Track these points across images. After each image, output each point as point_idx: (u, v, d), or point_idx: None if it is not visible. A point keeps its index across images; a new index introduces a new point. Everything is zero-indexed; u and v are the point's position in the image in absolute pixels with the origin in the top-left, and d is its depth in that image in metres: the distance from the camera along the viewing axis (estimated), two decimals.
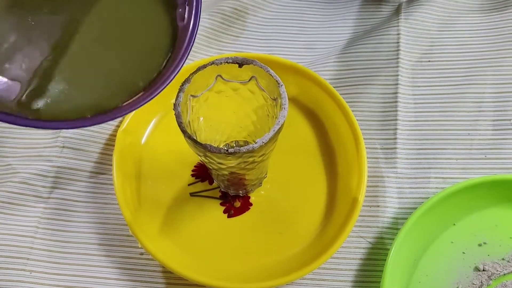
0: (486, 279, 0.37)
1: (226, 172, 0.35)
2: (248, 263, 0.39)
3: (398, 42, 0.48)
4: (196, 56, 0.50)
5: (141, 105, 0.26)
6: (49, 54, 0.25)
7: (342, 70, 0.48)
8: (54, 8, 0.25)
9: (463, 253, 0.38)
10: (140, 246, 0.38)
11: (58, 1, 0.26)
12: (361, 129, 0.41)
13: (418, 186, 0.42)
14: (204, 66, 0.32)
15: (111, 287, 0.39)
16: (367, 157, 0.41)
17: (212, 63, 0.32)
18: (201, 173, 0.43)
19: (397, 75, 0.46)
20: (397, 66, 0.47)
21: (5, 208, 0.42)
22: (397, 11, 0.51)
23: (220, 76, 0.34)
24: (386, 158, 0.43)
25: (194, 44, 0.50)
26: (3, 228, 0.41)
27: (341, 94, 0.44)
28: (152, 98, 0.27)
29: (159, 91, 0.27)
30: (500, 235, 0.39)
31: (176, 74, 0.28)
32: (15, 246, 0.40)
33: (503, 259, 0.38)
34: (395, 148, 0.43)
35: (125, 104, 0.26)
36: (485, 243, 0.38)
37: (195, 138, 0.30)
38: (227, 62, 0.32)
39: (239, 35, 0.53)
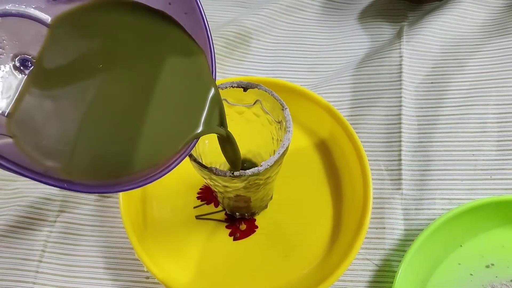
0: None
1: (231, 195, 0.35)
2: (255, 286, 0.39)
3: (400, 64, 0.49)
4: None
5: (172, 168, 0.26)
6: (89, 121, 0.25)
7: (346, 93, 0.48)
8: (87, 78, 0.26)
9: (471, 274, 0.38)
10: (146, 270, 0.38)
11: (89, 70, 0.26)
12: (365, 151, 0.41)
13: (424, 207, 0.42)
14: None
15: None
16: (372, 179, 0.41)
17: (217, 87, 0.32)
18: (207, 195, 0.43)
19: (401, 97, 0.47)
20: (400, 88, 0.47)
21: (12, 232, 0.42)
22: (399, 34, 0.52)
23: (225, 100, 0.34)
24: (391, 180, 0.43)
25: None
26: (9, 252, 0.41)
27: (345, 116, 0.44)
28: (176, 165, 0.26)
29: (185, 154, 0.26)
30: (507, 256, 0.38)
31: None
32: (21, 270, 0.40)
33: (511, 280, 0.37)
34: (400, 169, 0.43)
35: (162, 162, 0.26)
36: (492, 264, 0.38)
37: (200, 161, 0.30)
38: (232, 86, 0.33)
39: (242, 59, 0.53)
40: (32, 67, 0.25)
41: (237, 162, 0.33)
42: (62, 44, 0.26)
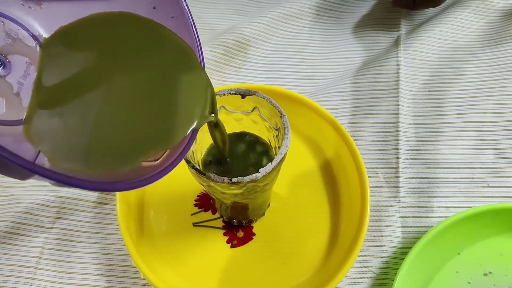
0: None
1: (229, 202, 0.35)
2: None
3: (398, 73, 0.49)
4: None
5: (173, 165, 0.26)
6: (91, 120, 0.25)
7: (343, 100, 0.49)
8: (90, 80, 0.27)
9: (469, 283, 0.38)
10: (142, 277, 0.38)
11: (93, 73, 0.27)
12: (363, 158, 0.41)
13: (421, 215, 0.42)
14: None
15: None
16: (370, 186, 0.41)
17: (216, 94, 0.32)
18: (204, 203, 0.43)
19: (398, 105, 0.47)
20: (398, 96, 0.47)
21: (8, 238, 0.42)
22: (396, 43, 0.52)
23: (223, 107, 0.34)
24: (388, 187, 0.43)
25: None
26: (4, 259, 0.41)
27: (342, 123, 0.44)
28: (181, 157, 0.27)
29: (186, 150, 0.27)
30: (505, 264, 0.38)
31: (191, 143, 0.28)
32: (17, 276, 0.40)
33: None
34: (397, 177, 0.43)
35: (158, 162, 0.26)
36: (490, 272, 0.38)
37: (198, 168, 0.30)
38: (230, 93, 0.33)
39: (241, 66, 0.54)
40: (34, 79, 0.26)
41: (225, 145, 0.33)
42: (60, 61, 0.27)
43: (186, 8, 0.29)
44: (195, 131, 0.27)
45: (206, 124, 0.30)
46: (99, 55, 0.27)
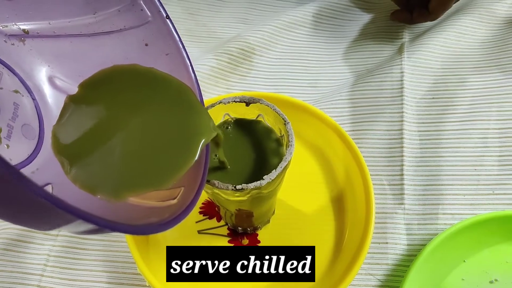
0: None
1: (233, 209, 0.35)
2: None
3: (402, 80, 0.49)
4: (205, 95, 0.51)
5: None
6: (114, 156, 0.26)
7: (347, 108, 0.49)
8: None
9: None
10: (148, 284, 0.38)
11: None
12: (367, 166, 0.41)
13: (427, 222, 0.41)
14: (213, 105, 0.33)
15: None
16: (375, 193, 0.41)
17: (220, 102, 0.33)
18: (209, 210, 0.43)
19: (402, 112, 0.47)
20: (402, 103, 0.47)
21: (14, 245, 0.42)
22: (399, 50, 0.52)
23: (228, 114, 0.34)
24: (393, 194, 0.43)
25: (202, 83, 0.51)
26: (11, 266, 0.41)
27: (347, 131, 0.44)
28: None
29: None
30: (511, 272, 0.38)
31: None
32: (23, 284, 0.40)
33: None
34: (402, 184, 0.43)
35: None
36: (496, 280, 0.38)
37: None
38: (234, 101, 0.33)
39: (246, 74, 0.54)
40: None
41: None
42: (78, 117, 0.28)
43: (181, 45, 0.29)
44: (207, 159, 0.28)
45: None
46: (112, 108, 0.28)
